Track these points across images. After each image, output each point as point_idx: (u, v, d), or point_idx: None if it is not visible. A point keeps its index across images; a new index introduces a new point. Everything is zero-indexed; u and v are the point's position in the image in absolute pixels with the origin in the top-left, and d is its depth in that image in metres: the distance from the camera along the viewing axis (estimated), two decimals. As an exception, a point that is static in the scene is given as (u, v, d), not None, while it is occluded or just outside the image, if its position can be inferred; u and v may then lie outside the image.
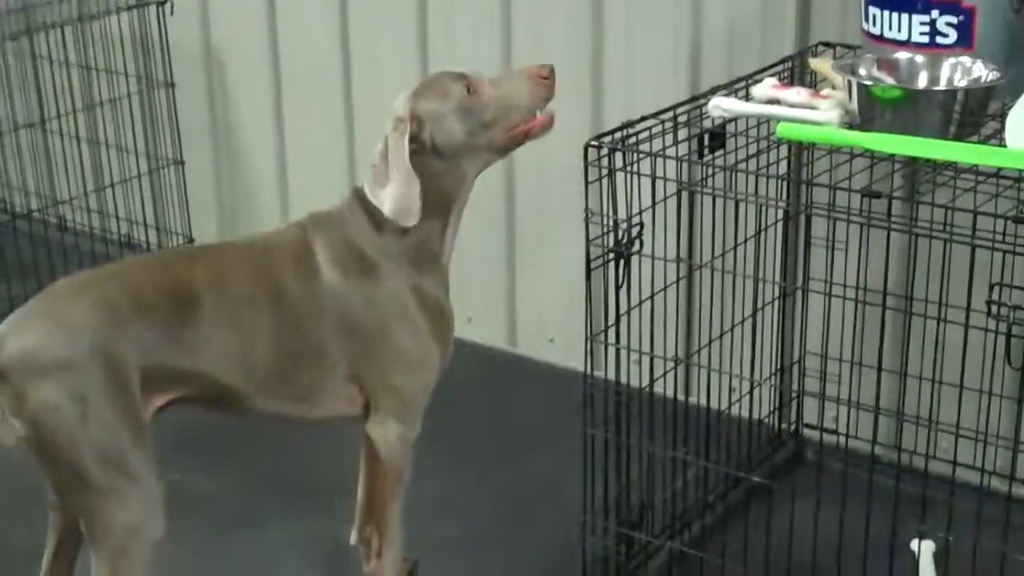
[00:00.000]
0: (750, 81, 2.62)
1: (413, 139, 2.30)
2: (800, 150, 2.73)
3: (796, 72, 2.78)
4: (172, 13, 3.86)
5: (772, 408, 3.05)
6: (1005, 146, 2.15)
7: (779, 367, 3.03)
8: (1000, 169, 2.15)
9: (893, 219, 2.24)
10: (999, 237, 2.10)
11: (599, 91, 3.26)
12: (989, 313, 2.05)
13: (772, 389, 3.01)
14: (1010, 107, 2.20)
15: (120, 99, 3.98)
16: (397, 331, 2.35)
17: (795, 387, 3.05)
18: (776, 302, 2.96)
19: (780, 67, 2.77)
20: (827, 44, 2.84)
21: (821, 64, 2.66)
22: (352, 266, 2.34)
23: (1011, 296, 2.07)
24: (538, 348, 3.54)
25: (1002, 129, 2.21)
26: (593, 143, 2.36)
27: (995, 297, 2.05)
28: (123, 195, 4.10)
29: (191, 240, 4.05)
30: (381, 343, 2.35)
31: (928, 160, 2.21)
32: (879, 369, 2.58)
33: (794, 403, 3.08)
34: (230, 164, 4.04)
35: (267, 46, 3.82)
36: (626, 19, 3.18)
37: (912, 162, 2.31)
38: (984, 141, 2.28)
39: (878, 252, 2.55)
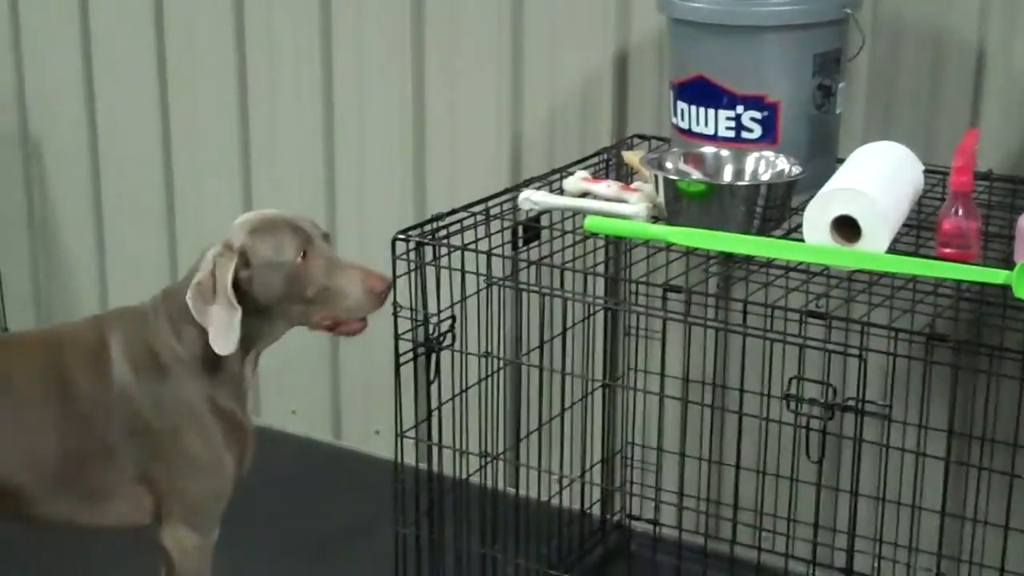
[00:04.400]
0: (564, 173, 2.63)
1: (235, 271, 2.24)
2: (616, 243, 2.74)
3: (612, 164, 2.79)
4: (-15, 102, 3.78)
5: (592, 500, 3.03)
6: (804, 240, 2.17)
7: (602, 458, 3.02)
8: (801, 262, 2.17)
9: (695, 315, 2.23)
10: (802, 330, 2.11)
11: (421, 182, 3.24)
12: (788, 407, 2.06)
13: (589, 482, 2.98)
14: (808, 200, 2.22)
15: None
16: (187, 436, 2.28)
17: (619, 478, 3.04)
18: (597, 393, 2.95)
19: (596, 159, 2.78)
20: (642, 137, 2.87)
21: (633, 157, 2.67)
22: (145, 367, 2.27)
23: (804, 390, 2.08)
24: (363, 441, 3.48)
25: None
26: (400, 236, 2.33)
27: (793, 391, 2.06)
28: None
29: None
30: (170, 447, 2.28)
31: (732, 254, 2.22)
32: (682, 458, 2.57)
33: (617, 494, 3.06)
34: (47, 255, 3.93)
35: (85, 135, 3.73)
36: (448, 109, 3.18)
37: (725, 257, 2.32)
38: (787, 235, 2.31)
39: (696, 343, 2.55)
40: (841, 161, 2.42)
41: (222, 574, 2.39)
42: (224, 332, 2.22)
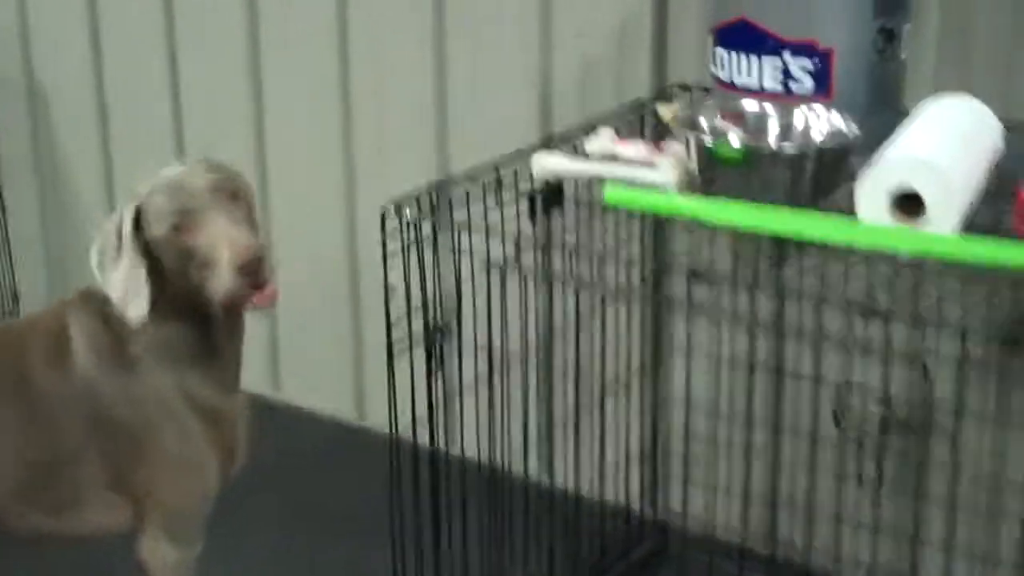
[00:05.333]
0: (591, 131, 2.32)
1: (137, 227, 1.98)
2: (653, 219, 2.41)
3: (647, 118, 2.46)
4: (-14, 44, 3.53)
5: (626, 497, 2.72)
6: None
7: (640, 450, 2.71)
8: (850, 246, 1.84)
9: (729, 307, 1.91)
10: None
11: (443, 139, 2.93)
12: (836, 424, 1.73)
13: (620, 476, 2.68)
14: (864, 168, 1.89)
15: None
16: (161, 433, 2.02)
17: (657, 472, 2.74)
18: (636, 379, 2.65)
19: (631, 113, 2.46)
20: (684, 87, 2.54)
21: (668, 112, 2.34)
22: (110, 355, 2.02)
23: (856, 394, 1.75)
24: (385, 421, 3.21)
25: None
26: (390, 209, 2.02)
27: (843, 401, 1.73)
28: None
29: (15, 295, 3.69)
30: (144, 446, 2.02)
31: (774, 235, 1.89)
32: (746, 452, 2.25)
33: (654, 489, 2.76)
34: (57, 208, 3.68)
35: (91, 78, 3.47)
36: (470, 56, 2.86)
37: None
38: (840, 208, 1.97)
39: (736, 336, 2.24)
40: (907, 113, 2.09)
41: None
42: (132, 292, 1.95)
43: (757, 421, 2.27)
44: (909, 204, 1.79)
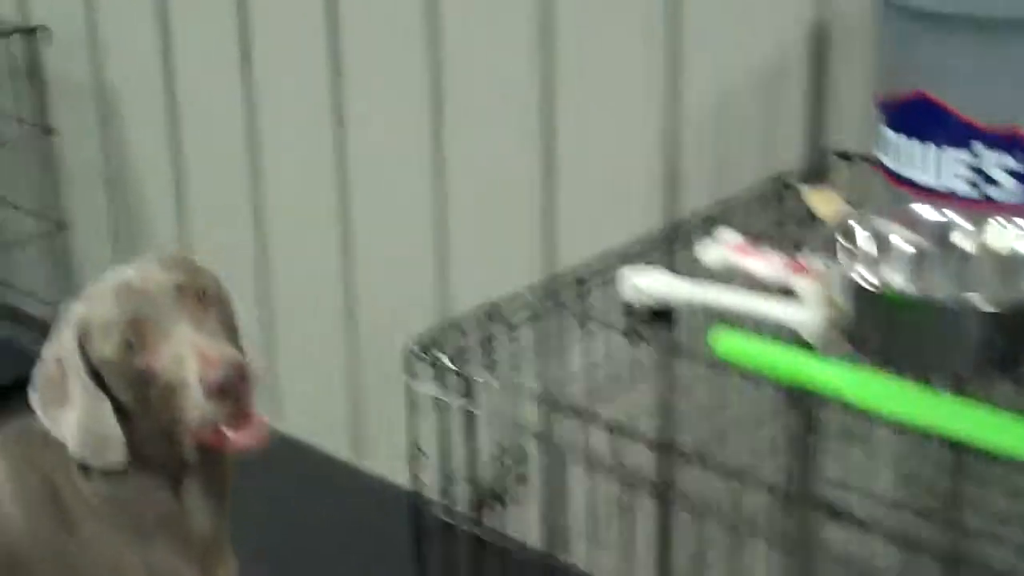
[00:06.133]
0: (710, 222, 1.78)
1: (84, 353, 1.52)
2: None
3: (789, 197, 1.91)
4: (50, 43, 3.11)
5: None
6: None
7: None
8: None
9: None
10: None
11: (551, 223, 2.40)
12: None
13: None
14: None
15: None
16: None
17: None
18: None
19: (772, 191, 1.91)
20: (844, 156, 1.97)
21: (821, 200, 1.79)
22: (44, 512, 1.57)
23: None
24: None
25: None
26: (417, 350, 1.50)
27: None
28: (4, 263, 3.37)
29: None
30: None
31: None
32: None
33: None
34: (127, 224, 3.27)
35: (161, 85, 3.04)
36: (582, 120, 2.32)
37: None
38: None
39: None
40: None
41: None
42: (98, 436, 1.50)
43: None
44: None
